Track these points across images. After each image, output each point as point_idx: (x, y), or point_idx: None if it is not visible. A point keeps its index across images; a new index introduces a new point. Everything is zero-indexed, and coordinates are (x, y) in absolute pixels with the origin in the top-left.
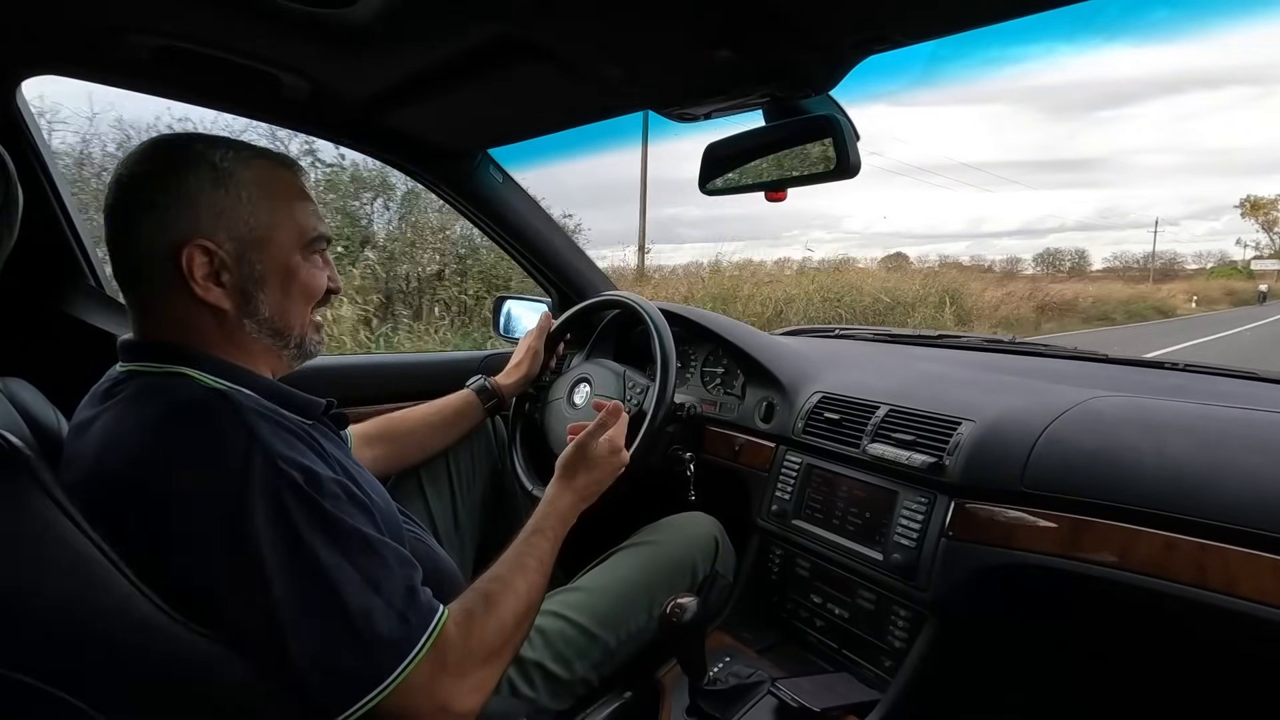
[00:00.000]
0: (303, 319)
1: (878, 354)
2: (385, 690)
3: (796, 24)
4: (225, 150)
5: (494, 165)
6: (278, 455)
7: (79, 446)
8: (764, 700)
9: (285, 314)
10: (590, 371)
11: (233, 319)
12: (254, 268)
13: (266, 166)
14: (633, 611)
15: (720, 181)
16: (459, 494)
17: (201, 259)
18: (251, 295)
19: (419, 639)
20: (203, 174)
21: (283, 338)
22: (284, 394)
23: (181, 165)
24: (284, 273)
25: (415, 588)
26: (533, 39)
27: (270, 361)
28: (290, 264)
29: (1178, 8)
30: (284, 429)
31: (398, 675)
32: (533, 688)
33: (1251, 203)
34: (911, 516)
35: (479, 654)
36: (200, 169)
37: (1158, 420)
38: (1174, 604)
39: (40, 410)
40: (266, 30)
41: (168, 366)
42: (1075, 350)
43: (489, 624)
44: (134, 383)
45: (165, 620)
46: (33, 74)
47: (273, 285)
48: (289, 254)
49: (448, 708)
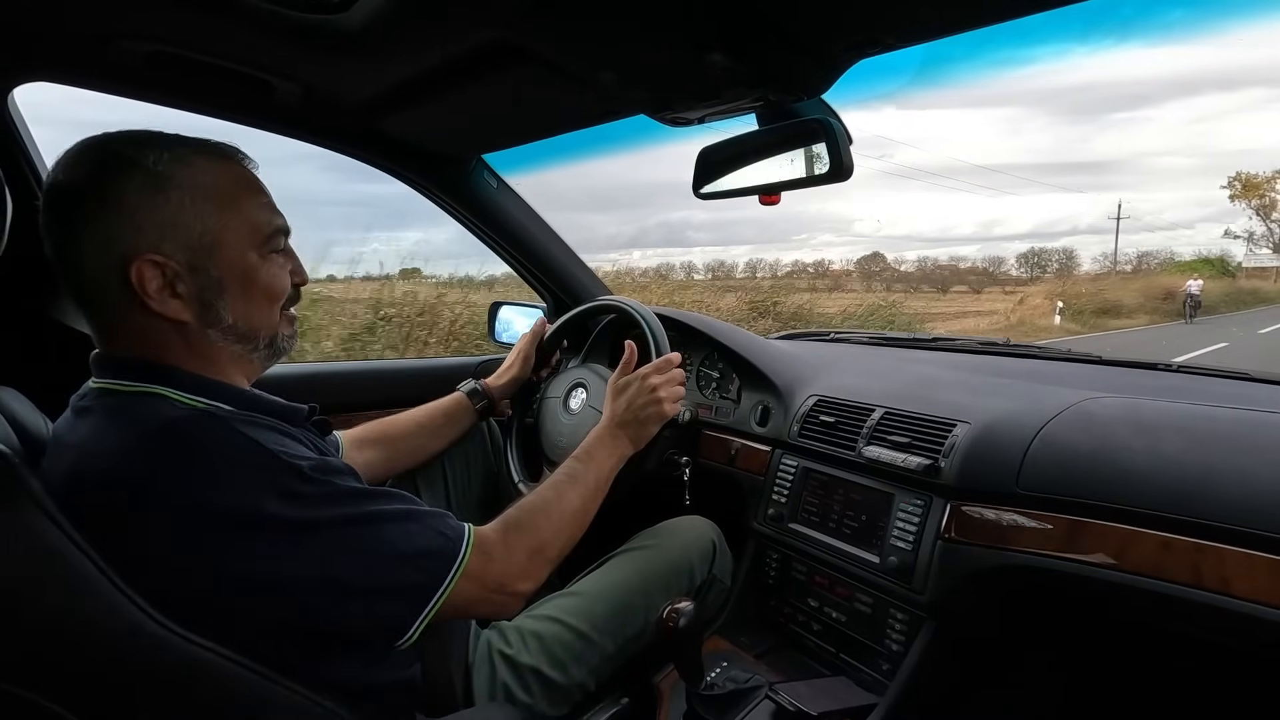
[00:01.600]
0: (270, 320)
1: (872, 357)
2: (444, 593)
3: (788, 29)
4: (159, 151)
5: (488, 170)
6: (278, 452)
7: (55, 462)
8: (761, 705)
9: (249, 318)
10: (586, 376)
11: (195, 329)
12: (209, 275)
13: (207, 163)
14: (630, 616)
15: (715, 185)
16: (455, 497)
17: (152, 272)
18: (211, 303)
19: (460, 545)
20: (137, 181)
21: (250, 341)
22: (265, 403)
23: (114, 174)
24: (242, 276)
25: (438, 511)
26: (526, 44)
27: (241, 367)
28: (247, 265)
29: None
30: (274, 430)
31: (453, 574)
32: (529, 693)
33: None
34: (907, 519)
35: (520, 548)
36: (134, 176)
37: (1151, 421)
38: (1170, 604)
39: (29, 419)
40: (259, 36)
41: (140, 385)
42: (1069, 352)
43: (525, 526)
44: (104, 402)
45: (156, 629)
46: (24, 81)
47: (232, 290)
48: (244, 255)
49: (503, 588)
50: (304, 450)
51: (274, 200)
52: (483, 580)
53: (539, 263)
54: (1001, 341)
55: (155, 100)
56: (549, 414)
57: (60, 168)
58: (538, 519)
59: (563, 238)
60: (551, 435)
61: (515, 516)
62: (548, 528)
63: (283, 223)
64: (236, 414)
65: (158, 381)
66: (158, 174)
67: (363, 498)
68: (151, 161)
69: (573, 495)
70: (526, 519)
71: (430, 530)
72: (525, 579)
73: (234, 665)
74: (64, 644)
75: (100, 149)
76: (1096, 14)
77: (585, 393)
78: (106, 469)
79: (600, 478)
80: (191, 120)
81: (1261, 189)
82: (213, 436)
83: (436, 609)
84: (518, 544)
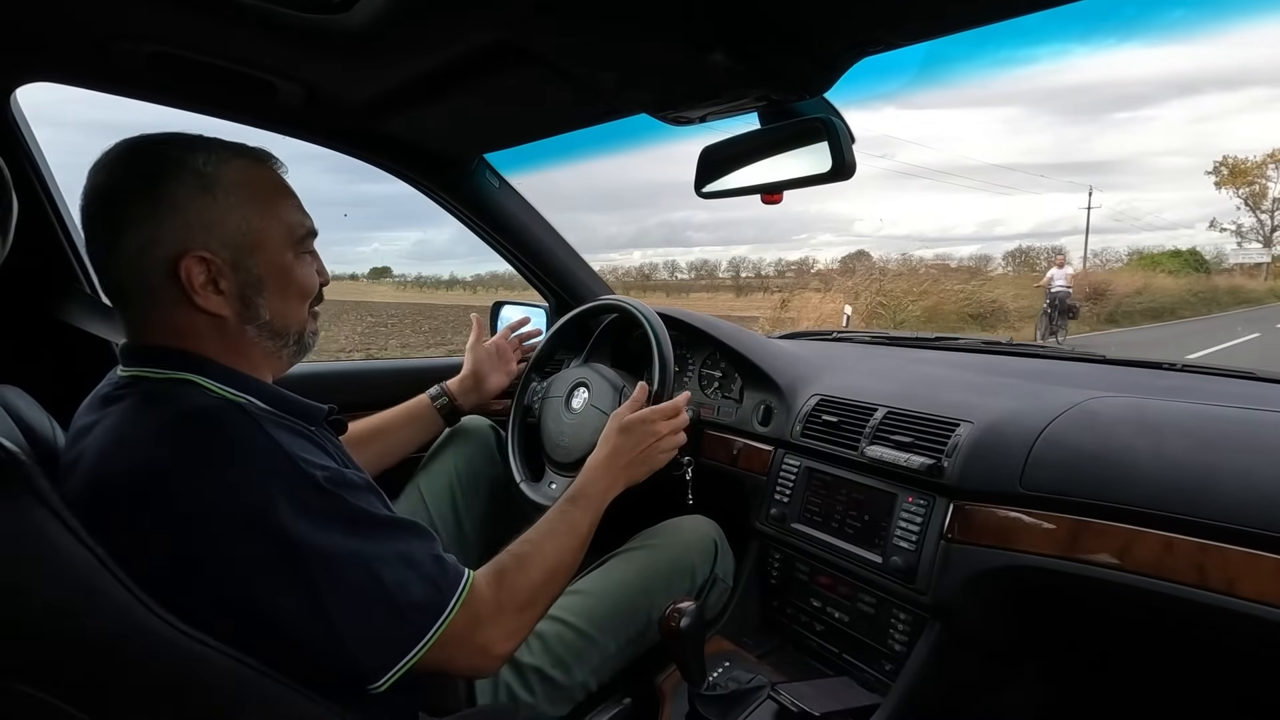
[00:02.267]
0: (300, 317)
1: (875, 356)
2: (423, 647)
3: (789, 28)
4: (206, 154)
5: (490, 170)
6: (298, 458)
7: (78, 452)
8: (764, 705)
9: (284, 315)
10: (588, 375)
11: (233, 324)
12: (250, 272)
13: (247, 166)
14: (632, 616)
15: (717, 184)
16: (461, 506)
17: (198, 269)
18: (250, 300)
19: (450, 599)
20: (186, 181)
21: (282, 338)
22: (289, 401)
23: (163, 174)
24: (280, 274)
25: (440, 555)
26: (527, 44)
27: (270, 362)
28: (285, 264)
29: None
30: (296, 434)
31: (434, 633)
32: (531, 693)
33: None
34: (910, 519)
35: (510, 605)
36: (183, 176)
37: (1155, 420)
38: (1174, 605)
39: (35, 418)
40: (261, 36)
41: (174, 373)
42: (1073, 351)
43: (519, 579)
44: (138, 388)
45: (164, 627)
46: (27, 81)
47: (270, 288)
48: (282, 254)
49: (486, 651)
50: (323, 459)
51: (302, 203)
52: (468, 641)
53: (541, 262)
54: (1005, 341)
55: (158, 100)
56: (551, 414)
57: (102, 169)
58: (534, 574)
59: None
60: (554, 435)
61: (512, 570)
62: (542, 584)
63: (312, 224)
64: (263, 411)
65: (191, 370)
66: (206, 174)
67: (369, 526)
68: (200, 163)
69: (569, 546)
70: (523, 573)
71: (426, 580)
72: (509, 640)
73: (237, 664)
74: (71, 644)
75: (148, 150)
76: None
77: (587, 392)
78: (135, 453)
79: (594, 523)
80: (194, 120)
81: (1250, 175)
82: (238, 430)
83: (413, 663)
84: (510, 603)
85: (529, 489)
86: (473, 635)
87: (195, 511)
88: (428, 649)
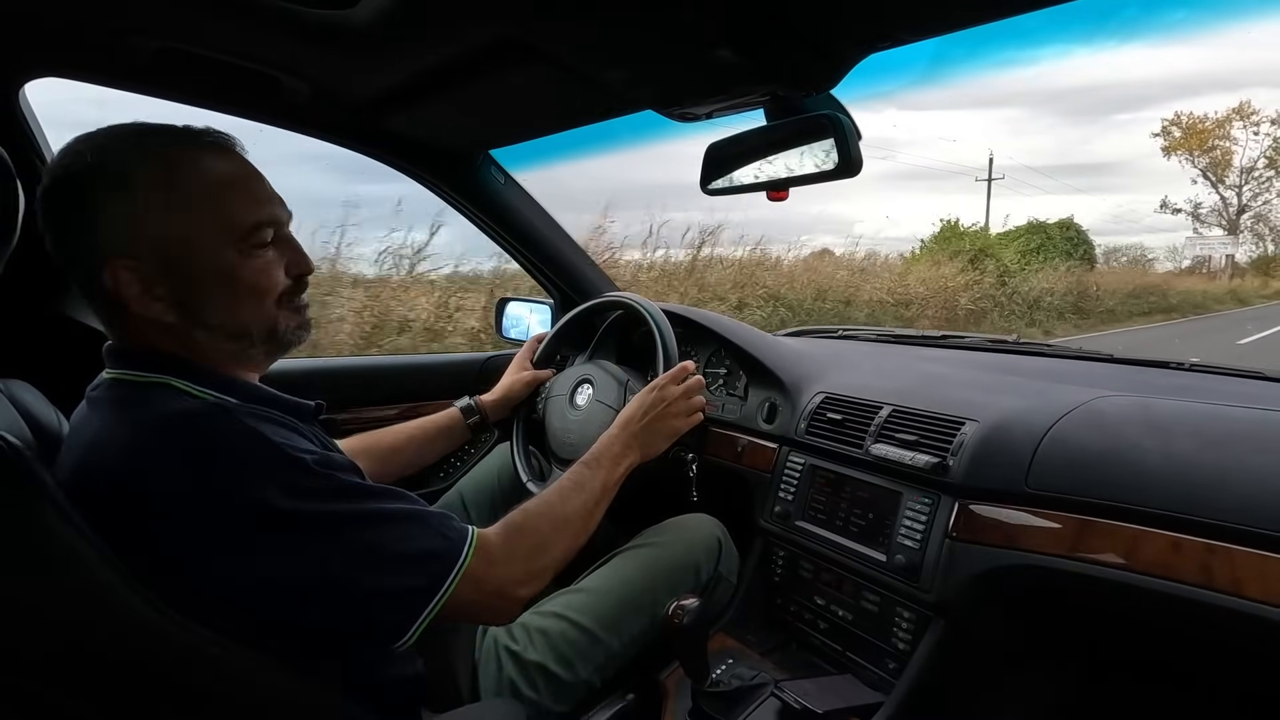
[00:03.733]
0: (262, 315)
1: (880, 354)
2: (443, 596)
3: (797, 23)
4: (129, 149)
5: (495, 166)
6: (284, 446)
7: (68, 452)
8: (767, 702)
9: (237, 316)
10: (592, 372)
11: (181, 329)
12: (183, 276)
13: (182, 158)
14: (635, 613)
15: (722, 181)
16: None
17: (128, 276)
18: (192, 304)
19: (461, 547)
20: (99, 184)
21: (242, 338)
22: (273, 399)
23: (79, 178)
24: (221, 276)
25: (444, 513)
26: (533, 40)
27: (242, 363)
28: (225, 264)
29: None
30: (282, 425)
31: (454, 577)
32: (535, 690)
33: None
34: (915, 517)
35: (520, 551)
36: (96, 179)
37: (1163, 420)
38: (1180, 605)
39: (42, 411)
40: (267, 32)
41: (153, 376)
42: (1080, 350)
43: (525, 526)
44: (118, 391)
45: (166, 622)
46: (34, 77)
47: (213, 291)
48: (220, 254)
49: (503, 592)
50: (307, 444)
51: (267, 190)
52: (483, 584)
53: (546, 258)
54: (1011, 339)
55: (164, 96)
56: (555, 411)
57: (48, 168)
58: (540, 524)
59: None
60: (559, 432)
61: (518, 521)
62: (550, 533)
63: (268, 215)
64: (242, 407)
65: (168, 372)
66: (119, 174)
67: (365, 495)
68: (120, 159)
69: (577, 501)
70: (529, 524)
71: (432, 531)
72: (525, 584)
73: (240, 659)
74: (74, 638)
75: (70, 151)
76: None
77: (591, 388)
78: (113, 459)
79: (607, 484)
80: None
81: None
82: (218, 429)
83: (435, 612)
84: (519, 549)
85: (535, 488)
86: (488, 576)
87: (183, 512)
88: (450, 594)
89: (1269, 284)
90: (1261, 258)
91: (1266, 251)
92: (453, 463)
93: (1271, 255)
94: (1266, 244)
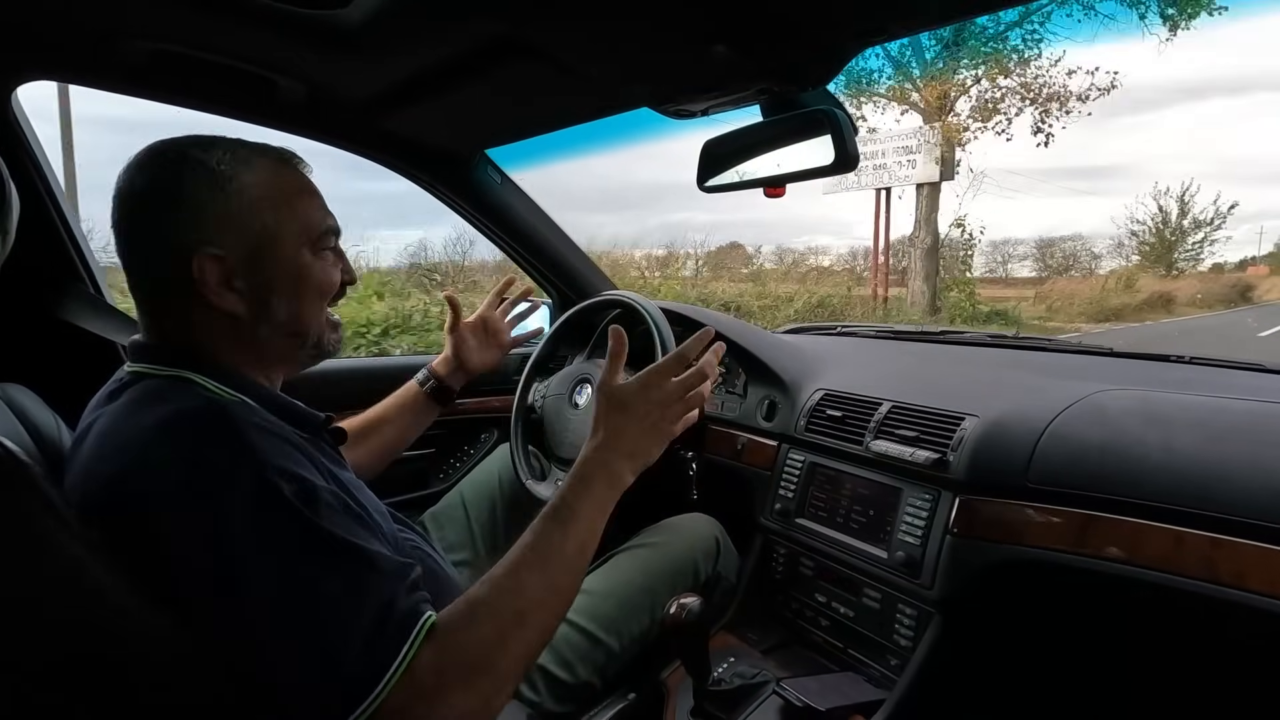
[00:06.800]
0: (318, 318)
1: (880, 351)
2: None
3: (792, 17)
4: (222, 152)
5: (491, 166)
6: (266, 465)
7: (80, 448)
8: (769, 700)
9: (301, 315)
10: (591, 371)
11: (248, 323)
12: (265, 271)
13: (266, 165)
14: (635, 614)
15: (719, 179)
16: (500, 515)
17: (213, 267)
18: (265, 299)
19: (392, 663)
20: (201, 180)
21: (299, 338)
22: (284, 406)
23: (180, 173)
24: (296, 273)
25: (396, 602)
26: (528, 38)
27: (285, 363)
28: (301, 263)
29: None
30: (281, 439)
31: (369, 705)
32: (536, 691)
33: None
34: (916, 513)
35: (454, 674)
36: (199, 175)
37: (1164, 413)
38: (1184, 599)
39: (41, 416)
40: (261, 33)
41: (175, 371)
42: (1080, 344)
43: (468, 636)
44: (139, 385)
45: (163, 628)
46: (27, 80)
47: (286, 287)
48: (298, 253)
49: None
50: (304, 471)
51: (325, 202)
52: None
53: (543, 258)
54: (1010, 334)
55: (160, 99)
56: (554, 411)
57: (132, 171)
58: (483, 629)
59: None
60: (559, 433)
61: (458, 623)
62: (495, 640)
63: (334, 223)
64: (253, 415)
65: (192, 368)
66: (221, 173)
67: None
68: (216, 161)
69: (543, 579)
70: (470, 632)
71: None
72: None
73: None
74: (72, 644)
75: (168, 150)
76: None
77: (591, 388)
78: (126, 452)
79: (589, 537)
80: (199, 119)
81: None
82: (214, 433)
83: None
84: (457, 667)
85: (535, 487)
86: (410, 715)
87: (164, 512)
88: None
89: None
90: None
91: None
92: (452, 463)
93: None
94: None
